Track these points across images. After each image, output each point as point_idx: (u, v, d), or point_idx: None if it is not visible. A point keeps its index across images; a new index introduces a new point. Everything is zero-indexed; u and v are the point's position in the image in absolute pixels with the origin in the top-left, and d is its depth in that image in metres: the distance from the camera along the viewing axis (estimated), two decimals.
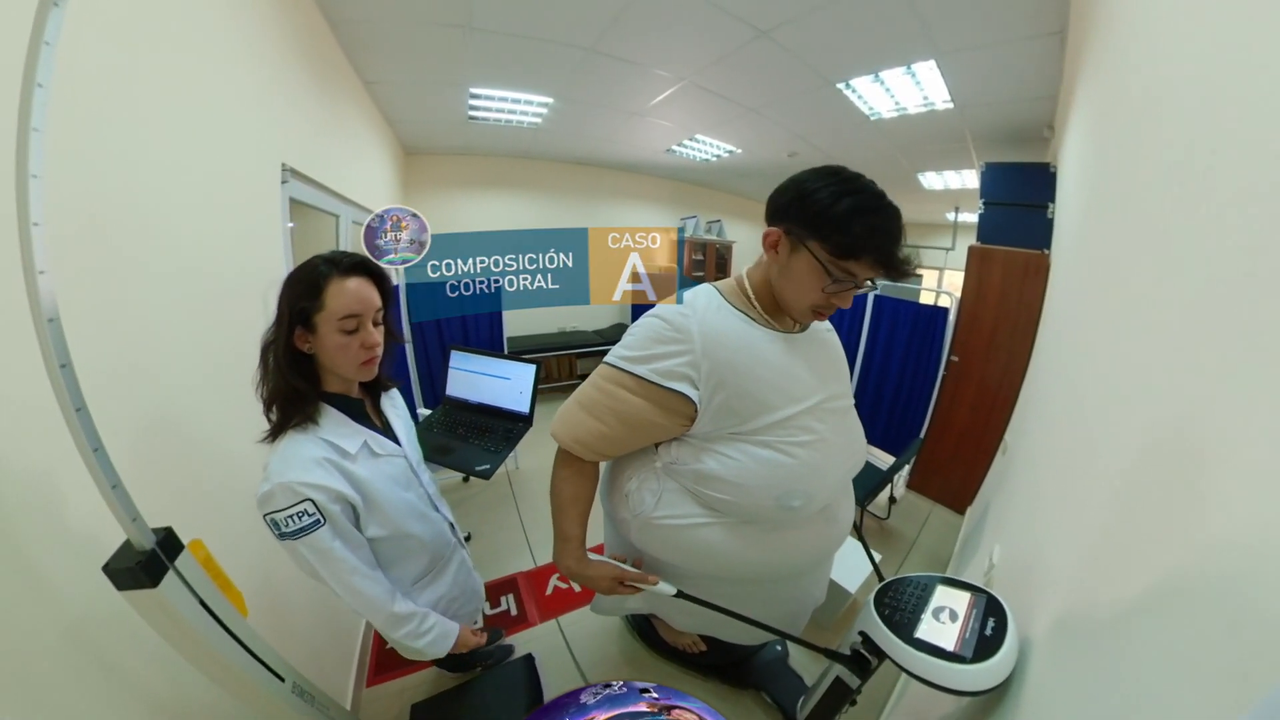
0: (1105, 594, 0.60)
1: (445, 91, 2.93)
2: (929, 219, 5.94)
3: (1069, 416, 1.12)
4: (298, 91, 1.73)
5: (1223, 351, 0.49)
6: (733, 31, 2.15)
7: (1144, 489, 0.59)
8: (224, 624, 0.78)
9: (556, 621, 1.95)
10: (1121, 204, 1.07)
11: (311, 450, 0.84)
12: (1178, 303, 0.63)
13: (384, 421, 1.05)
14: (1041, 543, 0.97)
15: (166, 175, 0.99)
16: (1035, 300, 2.34)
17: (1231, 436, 0.43)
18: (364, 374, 0.92)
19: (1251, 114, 0.52)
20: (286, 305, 0.84)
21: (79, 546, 0.68)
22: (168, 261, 0.98)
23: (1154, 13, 0.93)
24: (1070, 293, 1.59)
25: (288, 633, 1.23)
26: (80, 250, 0.75)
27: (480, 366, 1.73)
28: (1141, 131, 0.95)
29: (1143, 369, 0.71)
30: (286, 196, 1.49)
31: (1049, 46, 1.98)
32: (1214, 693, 0.35)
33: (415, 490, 1.06)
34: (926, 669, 0.80)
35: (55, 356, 0.52)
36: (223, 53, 1.22)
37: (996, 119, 2.85)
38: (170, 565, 0.68)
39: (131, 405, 0.85)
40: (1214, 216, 0.58)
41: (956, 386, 2.83)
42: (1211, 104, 0.64)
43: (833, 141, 3.70)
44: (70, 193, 0.73)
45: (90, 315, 0.75)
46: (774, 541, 1.01)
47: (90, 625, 0.68)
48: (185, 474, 0.98)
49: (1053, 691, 0.65)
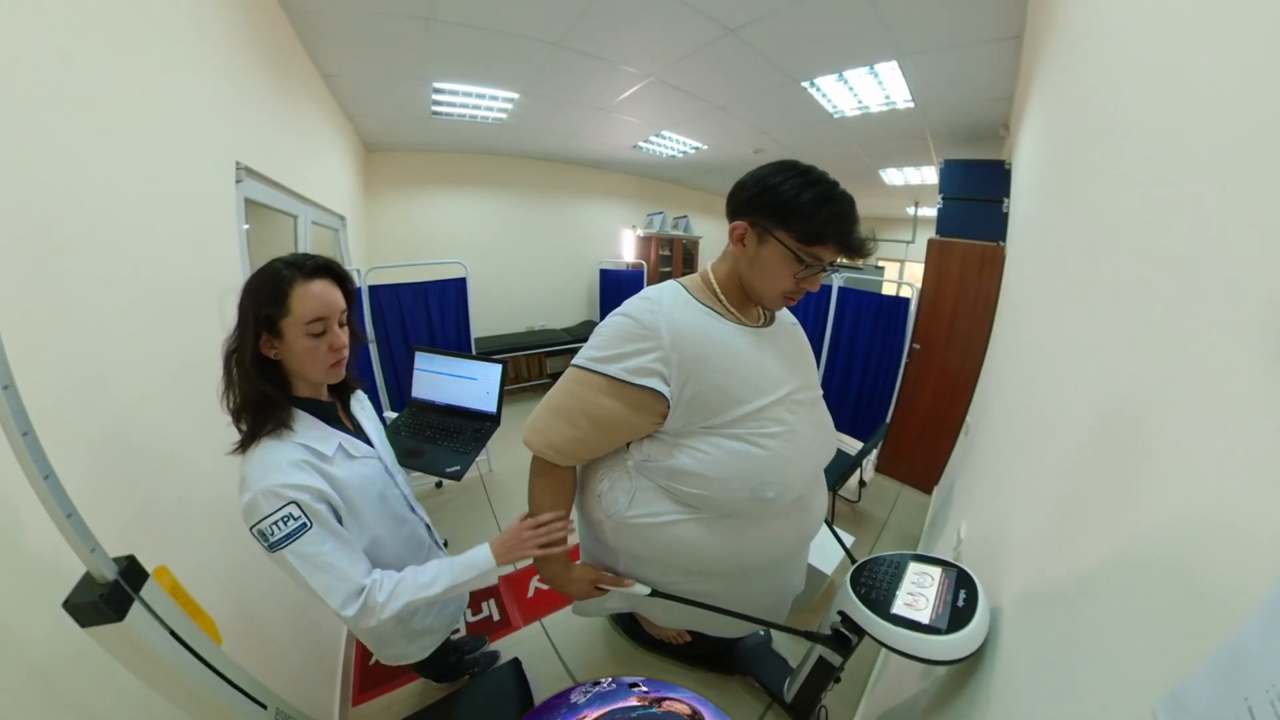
0: (1063, 564, 0.64)
1: (407, 86, 2.84)
2: (891, 214, 6.15)
3: (1024, 396, 1.19)
4: (253, 84, 1.64)
5: (1153, 331, 0.53)
6: (700, 28, 2.16)
7: (1091, 465, 0.64)
8: (198, 654, 0.74)
9: (540, 624, 1.94)
10: (1064, 197, 1.15)
11: (289, 454, 0.82)
12: (1109, 288, 0.69)
13: (355, 424, 1.03)
14: (1004, 517, 1.03)
15: (112, 174, 0.93)
16: (992, 289, 2.47)
17: (1164, 414, 0.48)
18: (333, 376, 0.91)
19: (1172, 115, 0.57)
20: (251, 311, 0.81)
21: (41, 579, 0.63)
22: (115, 267, 0.92)
23: (1097, 23, 1.00)
24: (1023, 281, 1.68)
25: (266, 656, 1.18)
26: (21, 258, 0.69)
27: (446, 367, 1.71)
28: (1083, 131, 1.01)
29: (1083, 349, 0.77)
30: (241, 197, 1.41)
31: (1006, 50, 2.07)
32: (1163, 653, 0.39)
33: (392, 491, 1.05)
34: (905, 642, 0.84)
35: None
36: (172, 42, 1.15)
37: (955, 118, 2.96)
38: (136, 596, 0.65)
39: (82, 423, 0.80)
40: (1135, 207, 0.63)
41: (919, 372, 2.95)
42: (1141, 107, 0.70)
43: (797, 138, 3.77)
44: (6, 195, 0.67)
45: (32, 327, 0.70)
46: (749, 534, 1.02)
47: (58, 667, 0.64)
48: (144, 494, 0.92)
49: (1021, 655, 0.69)
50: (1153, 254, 0.57)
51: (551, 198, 5.24)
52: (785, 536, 1.07)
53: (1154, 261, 0.56)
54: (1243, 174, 0.41)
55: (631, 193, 5.92)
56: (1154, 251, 0.57)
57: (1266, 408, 0.33)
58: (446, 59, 2.51)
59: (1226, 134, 0.45)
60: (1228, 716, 0.29)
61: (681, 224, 5.93)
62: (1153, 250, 0.57)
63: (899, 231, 5.75)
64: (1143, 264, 0.60)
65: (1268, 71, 0.40)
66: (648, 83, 2.85)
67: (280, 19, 1.92)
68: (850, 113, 3.10)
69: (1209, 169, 0.48)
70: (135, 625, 0.61)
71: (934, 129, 3.20)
